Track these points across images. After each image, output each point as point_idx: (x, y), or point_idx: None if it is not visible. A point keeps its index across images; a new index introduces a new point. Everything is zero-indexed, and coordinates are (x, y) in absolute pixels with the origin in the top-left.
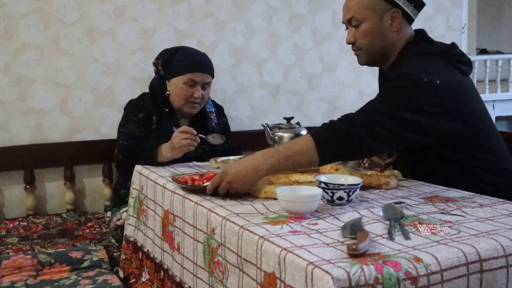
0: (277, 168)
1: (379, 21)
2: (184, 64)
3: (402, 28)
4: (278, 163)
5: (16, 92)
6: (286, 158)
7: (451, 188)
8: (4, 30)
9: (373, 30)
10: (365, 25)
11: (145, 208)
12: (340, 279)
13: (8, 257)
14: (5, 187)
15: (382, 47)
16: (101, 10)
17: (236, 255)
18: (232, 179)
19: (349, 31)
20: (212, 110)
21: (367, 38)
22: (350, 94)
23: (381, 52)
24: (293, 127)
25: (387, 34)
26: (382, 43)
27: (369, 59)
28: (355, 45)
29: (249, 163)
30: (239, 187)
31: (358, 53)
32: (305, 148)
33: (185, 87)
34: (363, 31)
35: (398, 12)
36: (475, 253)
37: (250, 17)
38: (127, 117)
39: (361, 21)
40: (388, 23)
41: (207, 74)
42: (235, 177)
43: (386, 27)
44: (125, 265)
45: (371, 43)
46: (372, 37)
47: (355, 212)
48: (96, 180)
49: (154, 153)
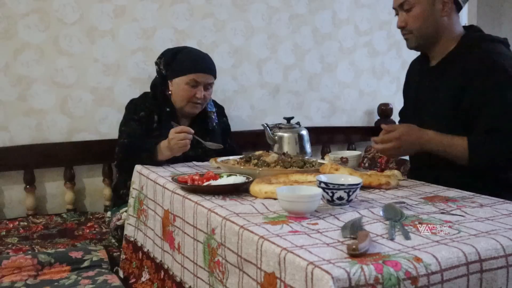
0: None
1: (431, 5)
2: (187, 64)
3: (452, 14)
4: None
5: (16, 92)
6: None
7: (451, 188)
8: (4, 30)
9: (425, 13)
10: (417, 8)
11: (145, 208)
12: (340, 279)
13: (8, 257)
14: (5, 187)
15: (432, 31)
16: (101, 10)
17: (236, 255)
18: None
19: (400, 15)
20: (213, 110)
21: (418, 21)
22: (350, 94)
23: (431, 36)
24: (293, 127)
25: (438, 18)
26: (433, 27)
27: (419, 42)
28: (406, 29)
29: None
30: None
31: (408, 37)
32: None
33: (188, 87)
34: (415, 15)
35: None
36: (475, 253)
37: (250, 17)
38: (128, 115)
39: (413, 5)
40: (439, 7)
41: (210, 75)
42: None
43: (437, 11)
44: (125, 265)
45: (423, 27)
46: (424, 20)
47: (355, 212)
48: (96, 180)
49: (154, 151)
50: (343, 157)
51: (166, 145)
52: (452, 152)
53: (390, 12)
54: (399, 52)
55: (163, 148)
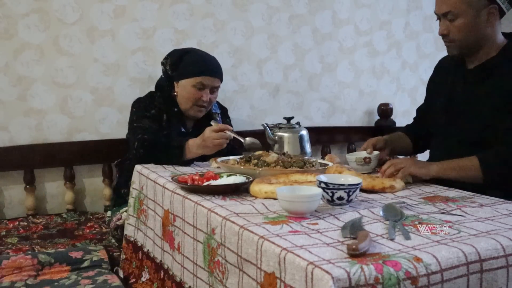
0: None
1: (476, 16)
2: (194, 66)
3: (495, 23)
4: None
5: (16, 92)
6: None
7: (451, 188)
8: (4, 30)
9: (469, 25)
10: (461, 19)
11: (145, 208)
12: (340, 279)
13: (8, 257)
14: (5, 187)
15: (475, 41)
16: (101, 10)
17: (236, 255)
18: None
19: (443, 23)
20: (218, 112)
21: (462, 32)
22: (350, 94)
23: (474, 46)
24: (293, 127)
25: (482, 29)
26: (476, 38)
27: (461, 51)
28: (448, 37)
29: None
30: (415, 169)
31: (450, 45)
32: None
33: (194, 90)
34: (458, 26)
35: (495, 8)
36: (475, 253)
37: (250, 17)
38: (139, 113)
39: (457, 15)
40: (484, 18)
41: (217, 78)
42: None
43: (482, 22)
44: (125, 265)
45: (466, 38)
46: (468, 32)
47: (355, 212)
48: (96, 180)
49: (183, 149)
50: (366, 157)
51: (198, 143)
52: (466, 175)
53: (390, 12)
54: (399, 52)
55: (192, 146)
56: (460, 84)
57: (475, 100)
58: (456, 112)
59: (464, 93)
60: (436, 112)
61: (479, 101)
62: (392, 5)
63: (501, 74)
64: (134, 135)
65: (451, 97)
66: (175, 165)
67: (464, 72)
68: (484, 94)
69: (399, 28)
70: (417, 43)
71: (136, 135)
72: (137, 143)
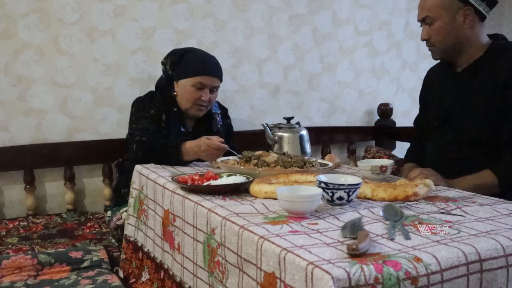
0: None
1: (452, 19)
2: (194, 66)
3: (475, 25)
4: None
5: (16, 92)
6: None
7: (451, 188)
8: (4, 30)
9: (446, 27)
10: (438, 23)
11: (145, 208)
12: (340, 279)
13: (8, 257)
14: (5, 187)
15: (455, 43)
16: (101, 10)
17: (236, 255)
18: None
19: (423, 28)
20: (218, 112)
21: (440, 35)
22: (350, 94)
23: (454, 48)
24: (293, 127)
25: (460, 31)
26: (455, 40)
27: (442, 54)
28: (429, 42)
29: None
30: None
31: (432, 49)
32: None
33: (194, 89)
34: (436, 29)
35: (470, 10)
36: (475, 253)
37: (250, 17)
38: (138, 113)
39: (434, 19)
40: (460, 20)
41: (216, 78)
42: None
43: (459, 24)
44: (125, 265)
45: (444, 40)
46: (445, 34)
47: (355, 212)
48: (96, 180)
49: (180, 150)
50: (382, 166)
51: (194, 149)
52: (484, 191)
53: (390, 12)
54: (399, 52)
55: (189, 149)
56: (449, 87)
57: (466, 99)
58: (448, 113)
59: (455, 94)
60: (429, 118)
61: (469, 100)
62: (392, 5)
63: (490, 72)
64: (133, 137)
65: (442, 100)
66: (175, 165)
67: (453, 76)
68: (475, 93)
69: (399, 28)
70: (417, 43)
71: (135, 137)
72: (135, 145)
